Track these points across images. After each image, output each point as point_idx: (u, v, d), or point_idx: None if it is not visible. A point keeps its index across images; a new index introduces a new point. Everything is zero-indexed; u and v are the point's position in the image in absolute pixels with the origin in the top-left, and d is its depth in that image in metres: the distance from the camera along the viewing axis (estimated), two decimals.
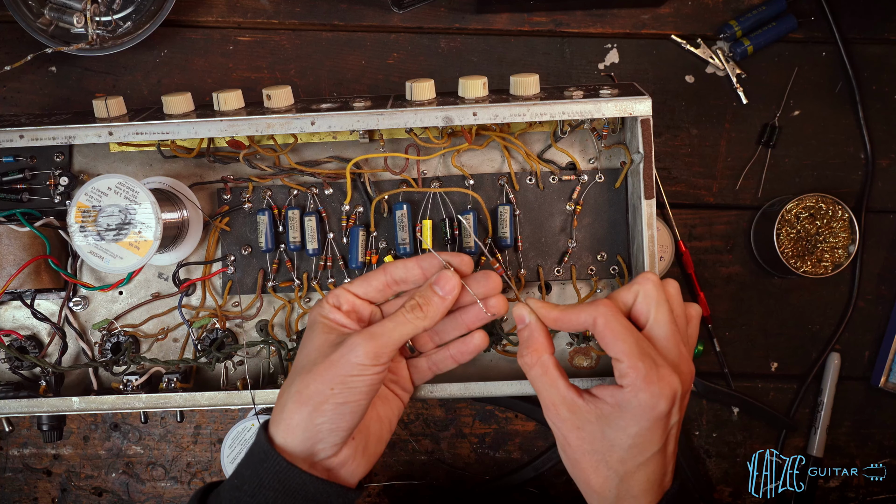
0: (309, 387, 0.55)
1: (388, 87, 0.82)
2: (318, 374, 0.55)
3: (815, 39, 0.83)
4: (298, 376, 0.57)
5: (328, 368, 0.55)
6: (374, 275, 0.61)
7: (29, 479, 0.86)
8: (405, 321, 0.57)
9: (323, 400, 0.55)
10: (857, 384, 0.86)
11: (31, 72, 0.81)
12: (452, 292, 0.59)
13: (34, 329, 0.75)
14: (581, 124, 0.73)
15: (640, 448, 0.55)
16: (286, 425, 0.56)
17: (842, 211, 0.81)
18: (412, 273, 0.61)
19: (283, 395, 0.57)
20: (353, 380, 0.55)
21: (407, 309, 0.58)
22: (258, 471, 0.56)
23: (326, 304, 0.60)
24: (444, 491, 0.86)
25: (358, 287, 0.61)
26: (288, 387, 0.57)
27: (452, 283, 0.59)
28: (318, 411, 0.55)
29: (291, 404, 0.56)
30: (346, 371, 0.55)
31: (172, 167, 0.74)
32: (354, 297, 0.60)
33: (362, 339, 0.56)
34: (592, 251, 0.74)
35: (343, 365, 0.55)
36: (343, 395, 0.55)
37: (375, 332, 0.56)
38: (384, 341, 0.56)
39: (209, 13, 0.81)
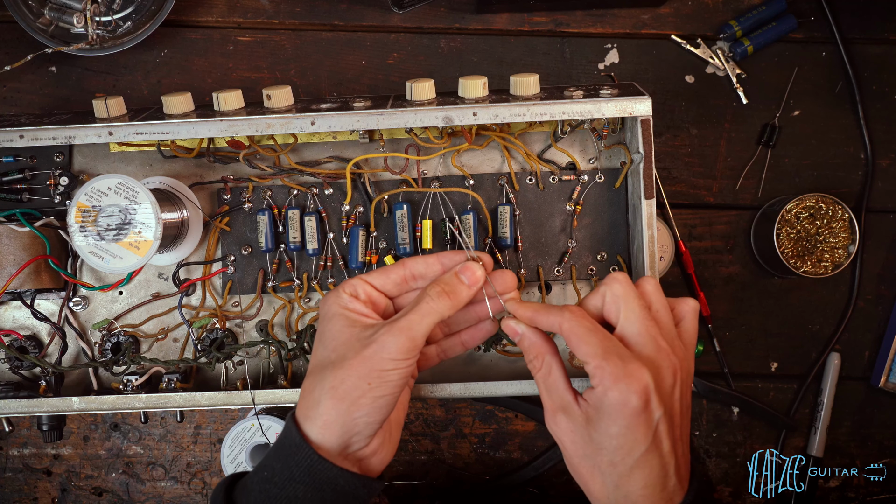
0: (345, 382, 0.55)
1: (388, 87, 0.82)
2: (353, 368, 0.55)
3: (815, 39, 0.83)
4: (329, 372, 0.56)
5: (362, 363, 0.55)
6: (393, 268, 0.61)
7: (29, 479, 0.86)
8: (431, 310, 0.57)
9: (361, 394, 0.55)
10: (857, 384, 0.86)
11: (31, 72, 0.81)
12: (478, 283, 0.60)
13: (34, 329, 0.75)
14: (581, 124, 0.73)
15: (626, 449, 0.53)
16: (323, 422, 0.56)
17: (842, 211, 0.81)
18: (432, 269, 0.61)
19: (314, 391, 0.57)
20: (388, 374, 0.55)
21: (432, 296, 0.58)
22: (289, 463, 0.56)
23: (344, 294, 0.59)
24: (444, 491, 0.86)
25: (376, 279, 0.60)
26: (319, 381, 0.57)
27: (478, 273, 0.60)
28: (357, 405, 0.55)
29: (328, 400, 0.55)
30: (381, 366, 0.55)
31: (172, 167, 0.74)
32: (372, 289, 0.60)
33: (393, 334, 0.56)
34: (592, 251, 0.74)
35: (377, 360, 0.55)
36: (381, 389, 0.55)
37: (404, 326, 0.56)
38: (414, 334, 0.56)
39: (209, 13, 0.81)
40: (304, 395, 0.58)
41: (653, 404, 0.53)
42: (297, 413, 0.58)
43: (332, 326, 0.58)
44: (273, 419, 0.76)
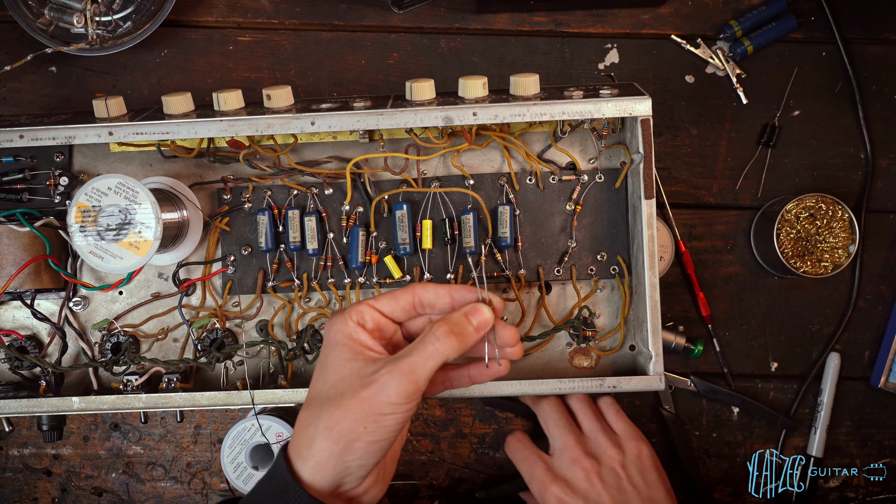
0: (340, 423, 0.53)
1: (388, 87, 0.82)
2: (350, 410, 0.53)
3: (815, 39, 0.83)
4: (325, 410, 0.54)
5: (360, 405, 0.53)
6: (402, 294, 0.58)
7: (29, 479, 0.86)
8: (436, 352, 0.54)
9: (355, 438, 0.53)
10: (857, 384, 0.86)
11: (31, 72, 0.81)
12: (486, 327, 0.57)
13: (34, 329, 0.75)
14: (581, 124, 0.73)
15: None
16: (315, 462, 0.54)
17: (842, 211, 0.81)
18: (441, 301, 0.58)
19: (308, 428, 0.55)
20: (386, 418, 0.53)
21: (439, 336, 0.55)
22: (277, 502, 0.54)
23: (350, 322, 0.56)
24: (444, 491, 0.86)
25: (384, 305, 0.58)
26: (315, 419, 0.54)
27: (487, 318, 0.57)
28: (350, 449, 0.53)
29: (321, 441, 0.53)
30: (379, 410, 0.53)
31: (172, 167, 0.74)
32: (380, 315, 0.58)
33: (395, 377, 0.53)
34: (592, 251, 0.74)
35: (376, 404, 0.53)
36: (377, 434, 0.53)
37: (406, 369, 0.53)
38: (417, 377, 0.53)
39: (209, 13, 0.81)
40: (299, 430, 0.56)
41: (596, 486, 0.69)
42: (290, 449, 0.56)
43: (334, 357, 0.56)
44: (273, 419, 0.76)
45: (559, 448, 0.72)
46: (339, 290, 0.74)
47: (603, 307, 0.75)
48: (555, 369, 0.74)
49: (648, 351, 0.67)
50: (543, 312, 0.74)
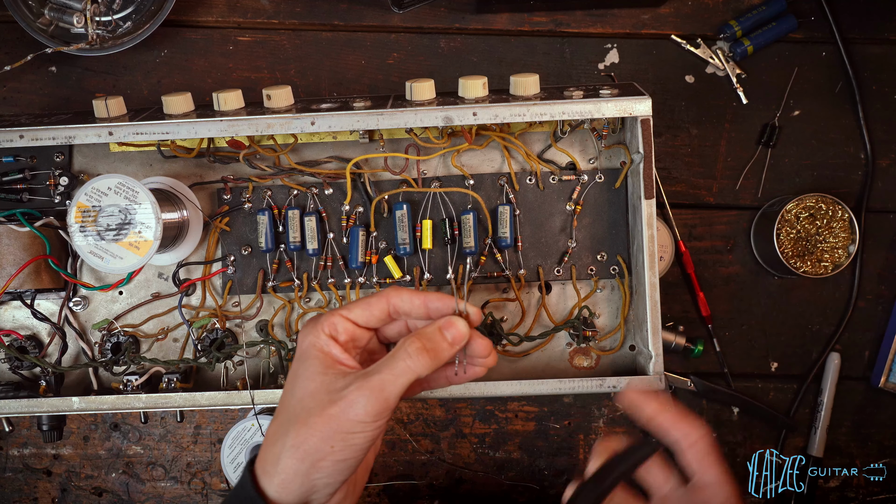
0: (307, 442, 0.51)
1: (388, 87, 0.82)
2: (317, 428, 0.51)
3: (815, 39, 0.83)
4: (293, 426, 0.52)
5: (327, 423, 0.51)
6: (376, 302, 0.56)
7: (29, 479, 0.86)
8: (407, 369, 0.52)
9: (321, 457, 0.51)
10: (857, 384, 0.86)
11: (31, 72, 0.81)
12: (461, 342, 0.55)
13: (34, 329, 0.75)
14: (581, 124, 0.73)
15: None
16: (281, 480, 0.52)
17: (842, 211, 0.81)
18: (416, 310, 0.56)
19: (276, 444, 0.53)
20: (354, 437, 0.51)
21: (411, 353, 0.52)
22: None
23: (322, 334, 0.54)
24: (444, 491, 0.86)
25: (358, 315, 0.55)
26: (282, 435, 0.53)
27: (462, 332, 0.54)
28: (316, 468, 0.52)
29: (288, 459, 0.52)
30: (346, 428, 0.51)
31: (172, 167, 0.74)
32: (353, 326, 0.55)
33: (364, 394, 0.51)
34: (592, 251, 0.74)
35: (344, 422, 0.51)
36: (344, 453, 0.51)
37: (376, 386, 0.51)
38: (387, 395, 0.51)
39: (209, 13, 0.81)
40: (267, 444, 0.54)
41: None
42: (258, 464, 0.54)
43: (304, 370, 0.54)
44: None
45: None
46: (339, 290, 0.74)
47: (603, 307, 0.75)
48: (555, 369, 0.74)
49: (648, 351, 0.67)
50: (543, 312, 0.74)
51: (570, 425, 0.86)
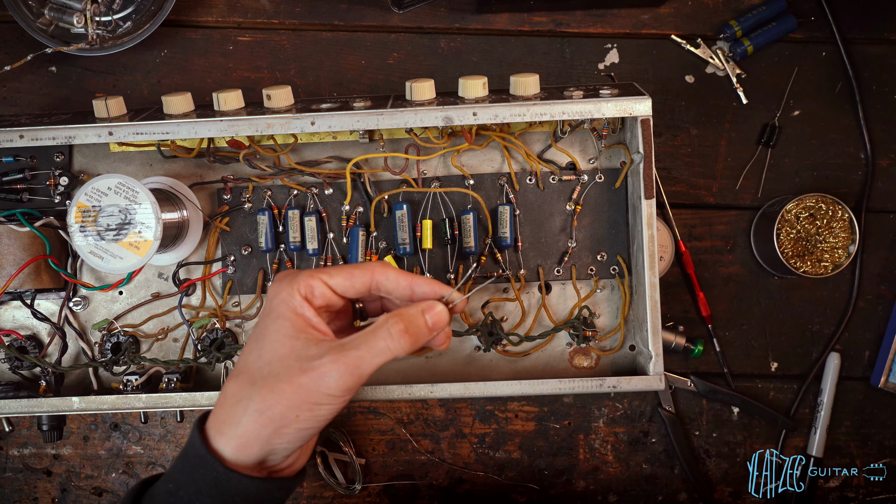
0: (272, 408, 0.50)
1: (388, 87, 0.82)
2: (284, 395, 0.50)
3: (815, 39, 0.83)
4: (257, 390, 0.50)
5: (295, 391, 0.49)
6: (360, 274, 0.54)
7: (29, 479, 0.86)
8: (387, 349, 0.51)
9: (285, 424, 0.50)
10: (857, 384, 0.86)
11: (31, 72, 0.81)
12: (440, 328, 0.53)
13: (34, 329, 0.75)
14: (581, 124, 0.73)
15: None
16: (240, 443, 0.51)
17: (842, 211, 0.81)
18: (400, 291, 0.54)
19: (237, 406, 0.51)
20: (321, 408, 0.50)
21: (392, 334, 0.51)
22: (194, 476, 0.51)
23: (297, 295, 0.52)
24: (444, 491, 0.86)
25: (338, 282, 0.53)
26: (245, 398, 0.51)
27: (444, 318, 0.53)
28: (278, 434, 0.51)
29: (250, 424, 0.50)
30: (315, 399, 0.50)
31: (172, 167, 0.74)
32: (331, 293, 0.53)
33: (338, 369, 0.49)
34: (592, 251, 0.74)
35: (313, 393, 0.49)
36: (308, 423, 0.50)
37: (352, 362, 0.50)
38: (361, 372, 0.50)
39: (209, 13, 0.81)
40: (225, 403, 0.52)
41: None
42: (210, 424, 0.52)
43: (274, 330, 0.52)
44: None
45: None
46: None
47: (603, 307, 0.75)
48: (555, 369, 0.74)
49: (648, 351, 0.67)
50: (543, 312, 0.74)
51: (570, 425, 0.86)
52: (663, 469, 0.86)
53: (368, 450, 0.86)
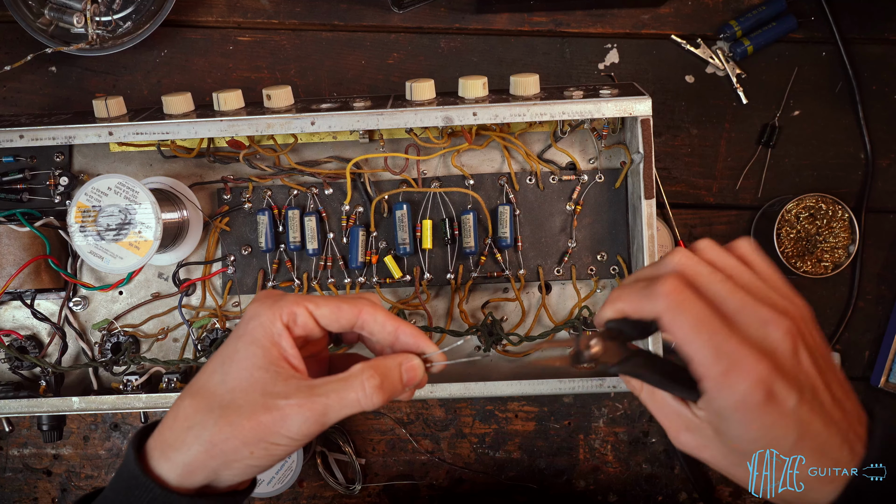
0: (227, 442, 0.47)
1: (388, 87, 0.82)
2: (242, 431, 0.47)
3: (815, 39, 0.83)
4: (213, 420, 0.47)
5: (254, 429, 0.46)
6: (348, 309, 0.51)
7: (29, 479, 0.86)
8: (357, 402, 0.48)
9: (237, 459, 0.47)
10: (857, 384, 0.86)
11: (31, 72, 0.81)
12: (412, 384, 0.51)
13: (34, 329, 0.75)
14: (581, 124, 0.73)
15: (775, 446, 0.46)
16: (186, 470, 0.48)
17: (842, 211, 0.81)
18: (384, 336, 0.51)
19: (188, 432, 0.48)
20: (277, 448, 0.47)
21: (366, 390, 0.48)
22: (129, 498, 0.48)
23: (279, 322, 0.49)
24: (444, 491, 0.86)
25: (323, 315, 0.50)
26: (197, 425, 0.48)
27: (418, 376, 0.51)
28: (228, 466, 0.48)
29: (199, 454, 0.47)
30: (273, 440, 0.47)
31: (172, 167, 0.74)
32: (314, 324, 0.50)
33: (303, 414, 0.46)
34: (592, 251, 0.74)
35: (272, 433, 0.47)
36: (261, 461, 0.48)
37: (319, 409, 0.47)
38: (326, 420, 0.47)
39: (209, 13, 0.81)
40: (174, 425, 0.49)
41: (780, 393, 0.44)
42: (153, 443, 0.49)
43: (244, 356, 0.48)
44: None
45: (734, 308, 0.45)
46: (339, 290, 0.74)
47: None
48: (555, 369, 0.74)
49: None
50: (543, 312, 0.74)
51: (570, 425, 0.86)
52: (663, 469, 0.86)
53: (368, 450, 0.86)
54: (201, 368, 0.51)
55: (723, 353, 0.44)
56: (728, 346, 0.44)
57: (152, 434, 0.50)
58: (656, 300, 0.45)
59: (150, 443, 0.50)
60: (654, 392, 0.49)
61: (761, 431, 0.45)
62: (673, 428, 0.49)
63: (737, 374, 0.43)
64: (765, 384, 0.43)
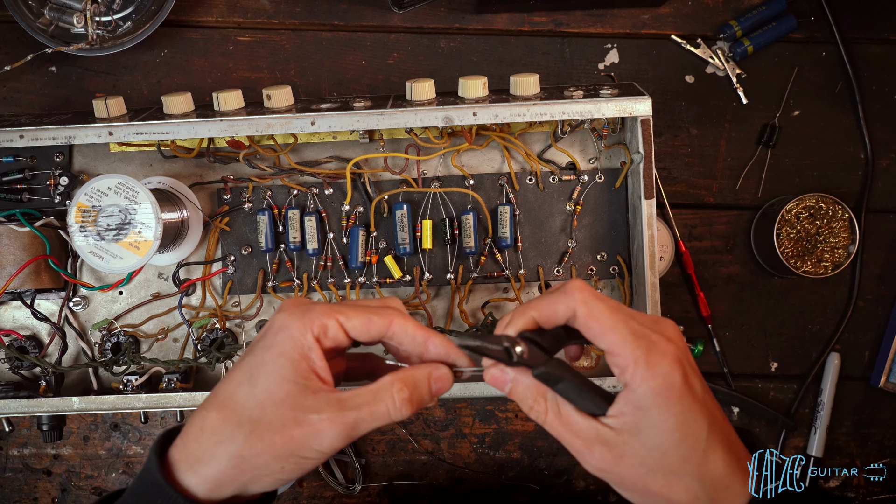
0: (257, 457, 0.46)
1: (388, 87, 0.82)
2: (273, 446, 0.46)
3: (815, 39, 0.83)
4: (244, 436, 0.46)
5: (286, 444, 0.46)
6: (379, 320, 0.50)
7: (29, 479, 0.86)
8: (387, 415, 0.47)
9: (268, 473, 0.47)
10: (857, 384, 0.86)
11: (31, 72, 0.81)
12: (441, 394, 0.50)
13: (34, 329, 0.75)
14: (581, 124, 0.73)
15: (692, 436, 0.46)
16: (214, 485, 0.47)
17: (842, 211, 0.81)
18: (414, 347, 0.51)
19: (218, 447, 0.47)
20: (307, 462, 0.47)
21: (397, 402, 0.48)
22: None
23: (309, 335, 0.48)
24: (444, 491, 0.86)
25: (354, 327, 0.49)
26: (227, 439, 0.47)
27: (447, 387, 0.50)
28: (257, 481, 0.47)
29: (228, 469, 0.47)
30: (304, 454, 0.47)
31: (172, 167, 0.74)
32: (344, 336, 0.49)
33: (334, 427, 0.46)
34: (592, 251, 0.74)
35: (304, 448, 0.46)
36: (291, 474, 0.47)
37: (350, 422, 0.46)
38: (357, 432, 0.47)
39: (209, 13, 0.81)
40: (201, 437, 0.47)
41: (691, 376, 0.47)
42: (178, 454, 0.48)
43: (273, 368, 0.47)
44: None
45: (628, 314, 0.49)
46: (339, 290, 0.74)
47: None
48: None
49: None
50: None
51: None
52: None
53: (368, 450, 0.86)
54: (225, 378, 0.50)
55: (640, 335, 0.46)
56: (642, 330, 0.47)
57: (175, 443, 0.49)
58: (572, 295, 0.47)
59: (174, 453, 0.48)
60: (561, 412, 0.48)
61: (681, 417, 0.46)
62: (585, 445, 0.48)
63: (656, 355, 0.46)
64: (680, 364, 0.46)
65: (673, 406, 0.46)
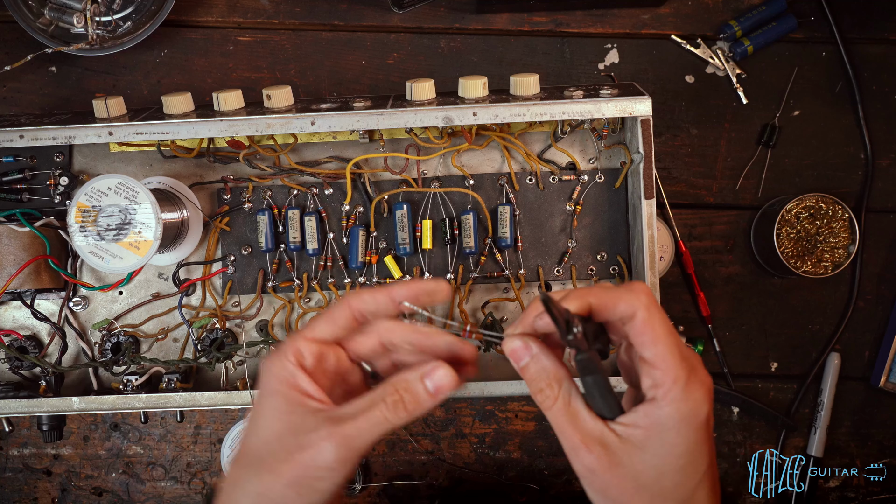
0: (272, 490, 0.47)
1: (388, 87, 0.82)
2: (283, 475, 0.47)
3: (815, 39, 0.83)
4: (256, 472, 0.48)
5: (293, 469, 0.47)
6: (338, 312, 0.50)
7: (29, 479, 0.86)
8: (384, 420, 0.47)
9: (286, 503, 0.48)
10: (857, 384, 0.86)
11: (31, 72, 0.81)
12: (445, 392, 0.48)
13: (34, 329, 0.75)
14: (581, 124, 0.73)
15: (693, 466, 0.46)
16: None
17: (842, 211, 0.81)
18: (383, 306, 0.50)
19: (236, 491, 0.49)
20: (321, 482, 0.47)
21: (388, 405, 0.47)
22: None
23: (288, 364, 0.48)
24: (444, 491, 0.86)
25: (322, 331, 0.50)
26: (245, 483, 0.48)
27: (448, 382, 0.48)
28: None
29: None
30: (313, 475, 0.47)
31: (172, 167, 0.74)
32: (319, 346, 0.50)
33: (332, 441, 0.47)
34: (592, 251, 0.74)
35: (311, 469, 0.47)
36: (310, 498, 0.48)
37: (349, 433, 0.47)
38: (358, 444, 0.47)
39: (209, 13, 0.81)
40: (225, 489, 0.50)
41: (711, 415, 0.47)
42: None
43: (268, 408, 0.49)
44: None
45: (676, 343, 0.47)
46: (339, 290, 0.74)
47: None
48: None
49: None
50: None
51: None
52: None
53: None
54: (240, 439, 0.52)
55: (685, 357, 0.46)
56: (688, 353, 0.46)
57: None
58: (639, 296, 0.46)
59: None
60: (571, 404, 0.47)
61: (692, 447, 0.46)
62: (584, 442, 0.46)
63: (695, 382, 0.45)
64: (711, 399, 0.46)
65: (691, 434, 0.45)
